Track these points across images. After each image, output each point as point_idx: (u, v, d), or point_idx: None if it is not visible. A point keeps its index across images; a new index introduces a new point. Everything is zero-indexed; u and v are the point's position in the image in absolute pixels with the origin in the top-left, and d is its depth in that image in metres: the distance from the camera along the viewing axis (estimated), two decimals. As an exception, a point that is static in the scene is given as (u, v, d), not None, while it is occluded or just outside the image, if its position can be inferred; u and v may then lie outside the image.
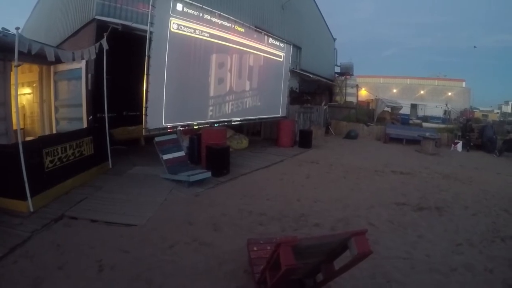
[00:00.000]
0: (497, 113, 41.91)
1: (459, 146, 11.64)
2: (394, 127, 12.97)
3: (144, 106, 5.07)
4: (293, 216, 4.05)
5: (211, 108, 6.83)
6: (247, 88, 8.04)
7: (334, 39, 21.21)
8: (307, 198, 4.80)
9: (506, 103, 47.07)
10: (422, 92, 42.55)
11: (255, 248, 2.80)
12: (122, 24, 6.57)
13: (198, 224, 3.68)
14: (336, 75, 20.73)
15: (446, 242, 3.64)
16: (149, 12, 5.09)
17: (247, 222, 3.80)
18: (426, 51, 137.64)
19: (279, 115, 9.55)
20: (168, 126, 5.67)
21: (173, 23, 5.58)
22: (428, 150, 10.10)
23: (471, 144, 11.78)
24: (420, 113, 33.65)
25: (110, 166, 5.71)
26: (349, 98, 19.60)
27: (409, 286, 2.70)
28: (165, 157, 5.26)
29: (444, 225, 4.15)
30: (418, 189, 5.72)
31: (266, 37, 8.56)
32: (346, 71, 20.48)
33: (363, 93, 32.26)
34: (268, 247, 2.68)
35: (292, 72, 10.92)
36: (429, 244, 3.54)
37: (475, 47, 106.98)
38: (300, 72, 12.99)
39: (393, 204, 4.74)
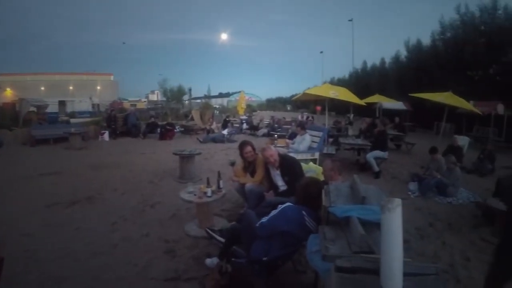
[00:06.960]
0: (145, 101, 48.19)
1: (106, 136, 12.06)
2: (40, 128, 11.86)
3: None
4: None
5: None
6: None
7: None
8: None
9: (152, 92, 53.25)
10: (71, 87, 43.40)
11: None
12: None
13: None
14: None
15: (103, 226, 3.84)
16: None
17: None
18: (77, 47, 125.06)
19: None
20: None
21: None
22: (75, 145, 10.09)
23: (117, 132, 12.43)
24: (69, 109, 32.48)
25: None
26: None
27: (80, 277, 2.74)
28: None
29: (98, 211, 4.37)
30: (68, 186, 5.62)
31: None
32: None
33: (8, 94, 29.72)
34: None
35: None
36: (87, 232, 3.67)
37: (124, 43, 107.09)
38: None
39: (44, 208, 4.54)
